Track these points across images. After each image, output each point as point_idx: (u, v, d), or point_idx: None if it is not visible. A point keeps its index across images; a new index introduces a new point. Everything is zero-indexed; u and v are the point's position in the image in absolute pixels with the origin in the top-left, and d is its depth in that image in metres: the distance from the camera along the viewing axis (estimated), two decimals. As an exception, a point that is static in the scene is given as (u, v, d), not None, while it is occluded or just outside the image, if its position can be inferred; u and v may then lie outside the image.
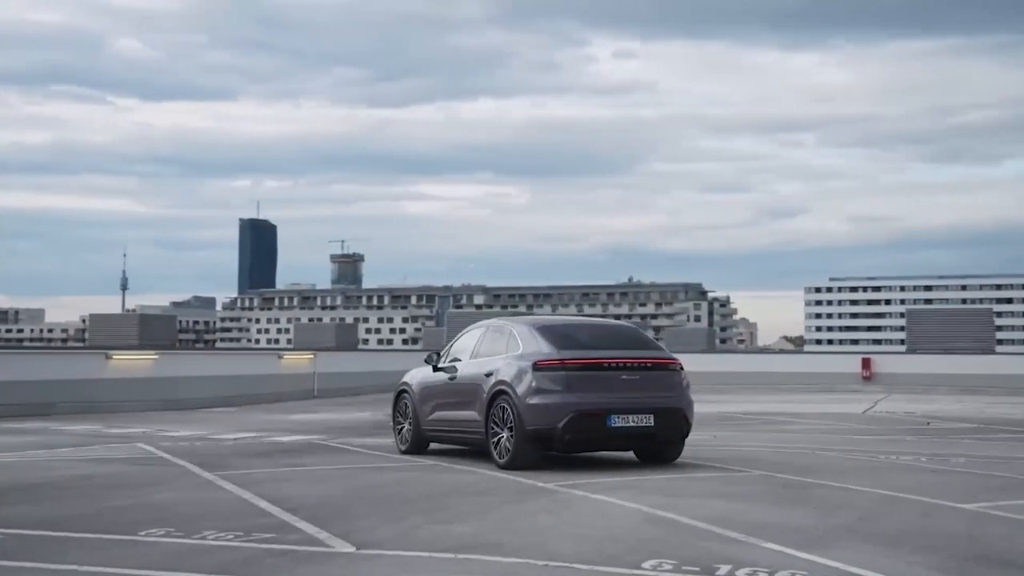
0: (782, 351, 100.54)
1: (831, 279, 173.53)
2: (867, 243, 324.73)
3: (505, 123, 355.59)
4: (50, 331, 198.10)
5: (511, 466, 10.85)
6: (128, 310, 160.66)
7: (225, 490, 9.52)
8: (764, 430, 17.70)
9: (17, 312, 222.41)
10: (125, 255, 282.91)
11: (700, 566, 6.21)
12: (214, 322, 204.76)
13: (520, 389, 10.87)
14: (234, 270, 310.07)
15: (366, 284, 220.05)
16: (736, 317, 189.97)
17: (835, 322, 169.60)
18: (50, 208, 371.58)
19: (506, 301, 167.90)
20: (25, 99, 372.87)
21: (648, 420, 10.86)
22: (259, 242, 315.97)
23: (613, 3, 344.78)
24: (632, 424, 10.81)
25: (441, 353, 13.04)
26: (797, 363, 42.60)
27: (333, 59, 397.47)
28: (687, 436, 11.57)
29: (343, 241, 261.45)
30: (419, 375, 13.13)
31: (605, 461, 11.86)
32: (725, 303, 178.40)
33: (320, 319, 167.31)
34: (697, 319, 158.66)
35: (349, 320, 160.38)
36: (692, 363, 41.77)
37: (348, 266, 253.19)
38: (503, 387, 11.06)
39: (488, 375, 11.41)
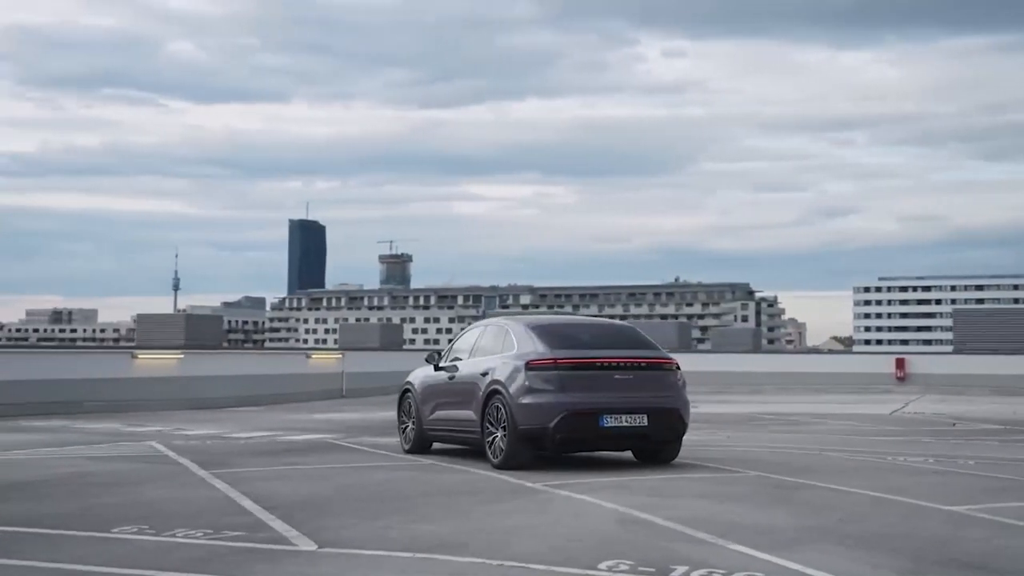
0: (815, 351, 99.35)
1: (880, 279, 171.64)
2: (918, 242, 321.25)
3: (554, 123, 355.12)
4: (102, 331, 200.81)
5: (505, 466, 10.82)
6: (179, 310, 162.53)
7: (214, 488, 9.58)
8: (783, 431, 17.53)
9: (71, 313, 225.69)
10: (177, 256, 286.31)
11: (656, 567, 6.15)
12: (263, 322, 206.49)
13: (513, 388, 10.84)
14: (284, 271, 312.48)
15: (414, 284, 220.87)
16: (784, 317, 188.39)
17: (884, 322, 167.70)
18: (103, 210, 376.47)
19: (552, 301, 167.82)
20: (79, 102, 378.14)
21: (642, 420, 10.78)
22: (308, 243, 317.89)
23: (662, 2, 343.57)
24: (625, 424, 10.74)
25: (442, 352, 13.05)
26: (833, 363, 42.21)
27: (384, 60, 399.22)
28: (683, 436, 11.46)
29: (391, 242, 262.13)
30: (422, 374, 13.14)
31: (602, 461, 11.80)
32: (773, 303, 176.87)
33: (367, 319, 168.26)
34: (744, 319, 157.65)
35: (396, 320, 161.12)
36: (736, 363, 41.69)
37: (396, 266, 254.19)
38: (497, 386, 11.04)
39: (484, 374, 11.40)
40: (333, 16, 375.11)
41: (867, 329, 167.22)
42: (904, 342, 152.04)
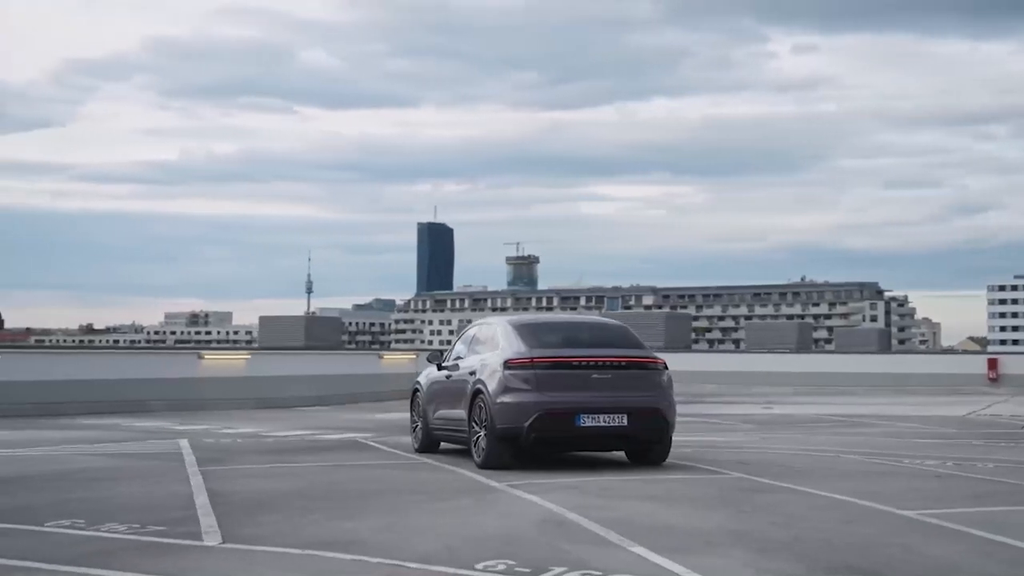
0: (901, 351, 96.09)
1: (1016, 276, 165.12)
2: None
3: (681, 122, 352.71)
4: (235, 333, 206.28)
5: (486, 465, 10.78)
6: (309, 312, 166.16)
7: (186, 485, 9.71)
8: (827, 432, 17.07)
9: (207, 315, 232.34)
10: (310, 259, 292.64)
11: (533, 567, 6.08)
12: (389, 324, 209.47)
13: (492, 388, 10.79)
14: (413, 273, 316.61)
15: (541, 285, 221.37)
16: (917, 317, 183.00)
17: (1020, 321, 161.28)
18: (240, 215, 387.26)
19: (675, 302, 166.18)
20: (217, 111, 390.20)
21: (621, 420, 10.61)
22: (436, 245, 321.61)
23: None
24: (604, 424, 10.58)
25: (444, 352, 13.07)
26: (930, 364, 40.96)
27: (510, 63, 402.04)
28: (670, 436, 11.19)
29: (518, 243, 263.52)
30: (428, 374, 13.18)
31: (592, 462, 11.66)
32: (903, 303, 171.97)
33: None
34: (873, 319, 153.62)
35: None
36: (862, 364, 40.77)
37: (523, 268, 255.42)
38: (480, 386, 11.02)
39: (472, 373, 11.39)
40: (460, 20, 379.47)
41: (1002, 329, 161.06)
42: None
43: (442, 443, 12.92)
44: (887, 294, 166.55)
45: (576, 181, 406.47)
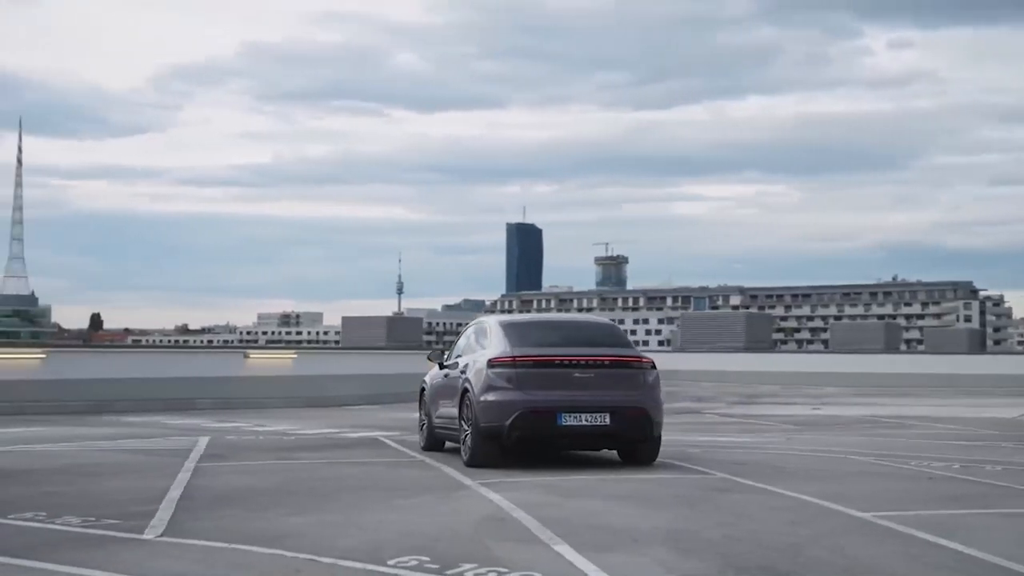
0: (995, 351, 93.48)
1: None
2: None
3: (773, 120, 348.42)
4: (324, 333, 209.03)
5: (471, 464, 10.84)
6: (396, 312, 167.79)
7: (171, 480, 9.88)
8: (857, 433, 16.81)
9: (298, 316, 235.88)
10: (400, 260, 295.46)
11: (443, 564, 6.14)
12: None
13: (477, 387, 10.86)
14: (502, 274, 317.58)
15: (630, 285, 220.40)
16: (1015, 317, 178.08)
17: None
18: (332, 217, 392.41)
19: (763, 302, 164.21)
20: (309, 114, 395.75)
21: (604, 419, 10.59)
22: (525, 246, 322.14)
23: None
24: (585, 423, 10.57)
25: (445, 351, 13.16)
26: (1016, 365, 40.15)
27: (598, 63, 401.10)
28: (656, 435, 11.10)
29: (607, 244, 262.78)
30: (432, 373, 13.29)
31: (588, 460, 11.65)
32: (999, 302, 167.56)
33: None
34: (967, 319, 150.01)
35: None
36: (951, 365, 40.15)
37: (612, 268, 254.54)
38: (467, 385, 11.10)
39: (462, 372, 11.48)
40: (548, 21, 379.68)
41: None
42: None
43: (447, 442, 13.01)
44: (982, 293, 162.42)
45: (666, 181, 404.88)
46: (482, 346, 11.48)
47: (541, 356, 10.75)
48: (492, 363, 10.80)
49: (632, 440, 11.04)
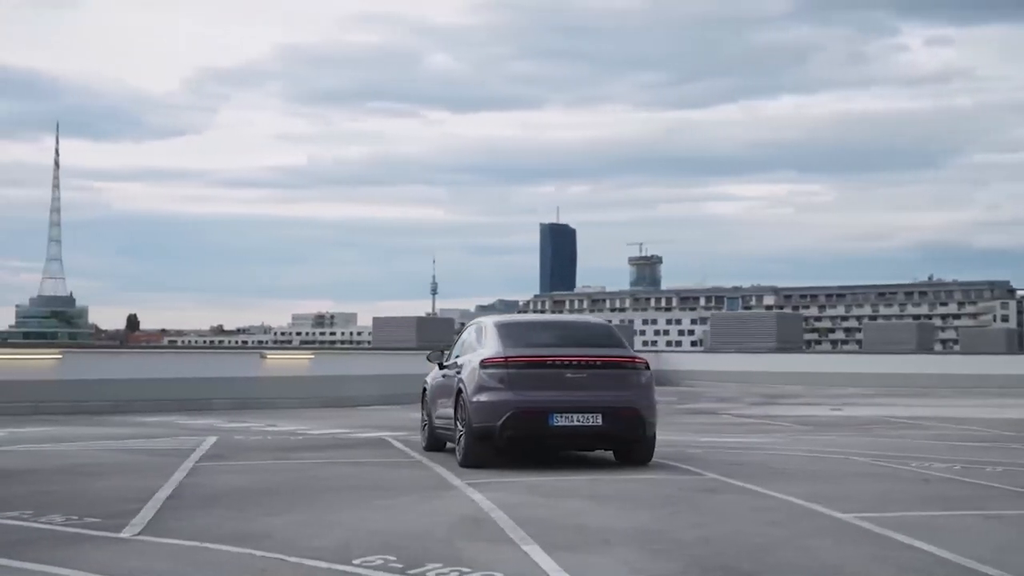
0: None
1: None
2: None
3: (809, 119, 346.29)
4: (358, 334, 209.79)
5: (465, 464, 10.86)
6: (429, 313, 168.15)
7: (166, 479, 9.93)
8: (868, 434, 16.66)
9: (332, 316, 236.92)
10: (435, 261, 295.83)
11: (408, 563, 6.16)
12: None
13: (470, 387, 10.88)
14: (536, 274, 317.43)
15: (664, 286, 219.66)
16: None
17: None
18: (368, 218, 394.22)
19: (797, 302, 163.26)
20: (346, 116, 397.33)
21: (596, 419, 10.57)
22: (559, 246, 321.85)
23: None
24: (577, 423, 10.55)
25: (445, 352, 13.18)
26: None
27: (634, 63, 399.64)
28: (649, 436, 11.04)
29: (641, 244, 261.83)
30: (433, 374, 13.31)
31: (584, 461, 11.63)
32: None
33: (610, 321, 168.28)
34: (1004, 319, 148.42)
35: (638, 323, 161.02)
36: (985, 366, 39.76)
37: (646, 268, 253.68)
38: (461, 385, 11.12)
39: (457, 373, 11.50)
40: (583, 21, 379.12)
41: None
42: None
43: (447, 443, 13.03)
44: (1019, 293, 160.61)
45: (701, 181, 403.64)
46: (478, 347, 11.49)
47: (533, 356, 10.75)
48: (485, 363, 10.81)
49: (624, 440, 11.02)
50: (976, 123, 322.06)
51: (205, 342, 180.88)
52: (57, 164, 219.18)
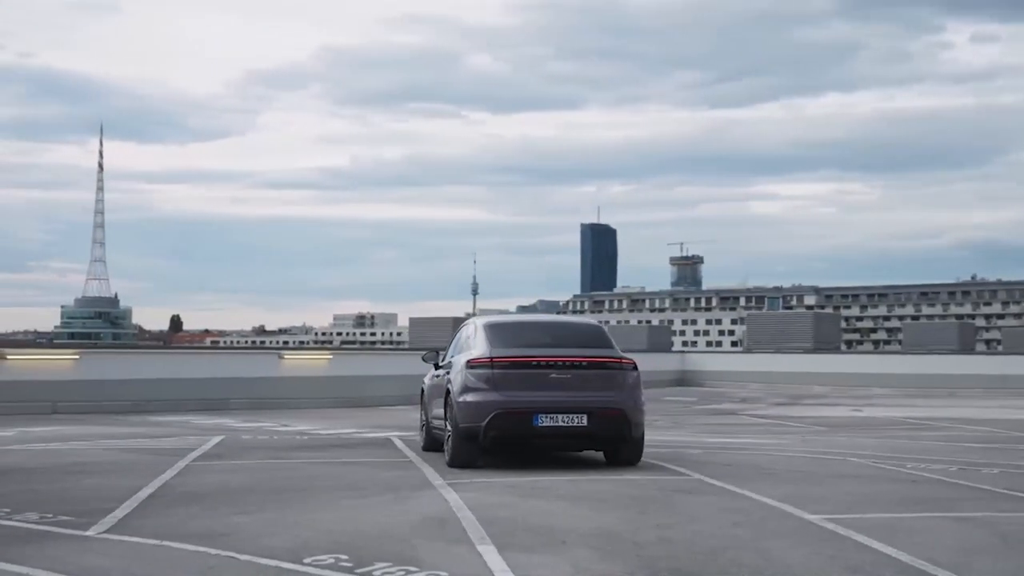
0: None
1: None
2: None
3: (852, 118, 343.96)
4: (398, 334, 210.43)
5: (452, 464, 10.89)
6: (468, 314, 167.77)
7: (151, 479, 10.01)
8: (877, 435, 16.51)
9: (372, 317, 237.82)
10: (475, 261, 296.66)
11: (358, 562, 6.21)
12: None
13: (456, 387, 10.91)
14: (577, 274, 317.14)
15: (706, 286, 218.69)
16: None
17: None
18: (408, 218, 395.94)
19: (838, 302, 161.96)
20: (386, 117, 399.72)
21: (581, 420, 10.56)
22: (600, 246, 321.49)
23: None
24: (562, 424, 10.54)
25: (440, 352, 13.21)
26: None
27: (675, 63, 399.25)
28: (635, 436, 11.01)
29: (682, 243, 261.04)
30: (430, 374, 13.35)
31: (577, 461, 11.63)
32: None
33: (648, 322, 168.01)
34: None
35: (677, 323, 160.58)
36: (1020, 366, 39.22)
37: (687, 268, 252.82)
38: (449, 386, 11.16)
39: (447, 373, 11.53)
40: (623, 21, 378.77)
41: None
42: None
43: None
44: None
45: (743, 180, 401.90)
46: (469, 347, 11.52)
47: (518, 357, 10.76)
48: (471, 364, 10.84)
49: (610, 441, 11.00)
50: (1022, 121, 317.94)
51: (248, 342, 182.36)
52: (101, 166, 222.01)
